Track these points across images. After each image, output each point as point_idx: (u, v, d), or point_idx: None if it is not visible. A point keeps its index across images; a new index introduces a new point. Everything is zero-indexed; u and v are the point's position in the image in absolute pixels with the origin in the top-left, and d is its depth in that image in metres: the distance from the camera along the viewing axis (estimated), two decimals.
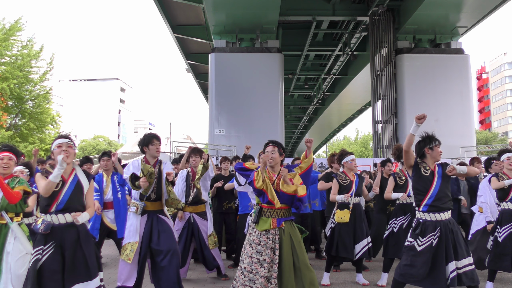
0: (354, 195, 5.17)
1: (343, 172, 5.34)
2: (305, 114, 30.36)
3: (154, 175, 4.17)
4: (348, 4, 15.11)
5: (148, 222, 4.15)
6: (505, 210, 4.67)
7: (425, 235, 3.74)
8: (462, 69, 15.14)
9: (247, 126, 14.25)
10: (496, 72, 73.00)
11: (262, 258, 3.52)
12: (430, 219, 3.78)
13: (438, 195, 3.78)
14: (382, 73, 15.25)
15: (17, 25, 17.90)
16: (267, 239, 3.58)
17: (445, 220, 3.78)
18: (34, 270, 3.07)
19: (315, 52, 18.89)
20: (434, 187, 3.80)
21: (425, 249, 3.71)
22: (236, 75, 14.55)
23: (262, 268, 3.49)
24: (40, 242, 3.16)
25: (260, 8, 13.38)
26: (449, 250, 3.69)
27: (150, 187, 4.14)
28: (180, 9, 16.17)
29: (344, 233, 5.01)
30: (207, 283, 5.20)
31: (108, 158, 5.74)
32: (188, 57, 20.82)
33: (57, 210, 3.22)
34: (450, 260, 3.67)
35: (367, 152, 50.30)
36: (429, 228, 3.75)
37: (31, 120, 18.63)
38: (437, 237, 3.72)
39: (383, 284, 5.05)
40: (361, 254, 5.03)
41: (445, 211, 3.79)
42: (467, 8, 13.75)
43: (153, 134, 4.34)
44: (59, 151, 3.31)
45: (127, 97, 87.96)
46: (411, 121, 15.06)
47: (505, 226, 4.60)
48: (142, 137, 4.34)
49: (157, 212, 4.22)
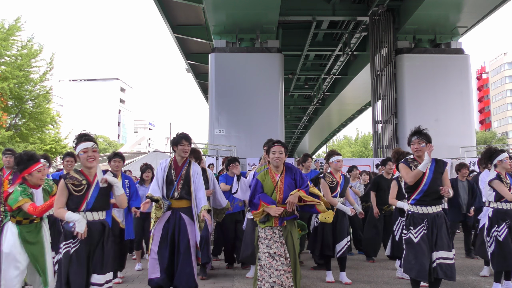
0: (339, 196, 5.24)
1: (330, 173, 5.38)
2: (305, 114, 30.37)
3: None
4: (348, 4, 15.10)
5: (171, 219, 4.24)
6: (499, 210, 4.71)
7: (416, 226, 3.92)
8: (462, 69, 15.12)
9: (247, 126, 14.24)
10: (496, 72, 73.00)
11: (272, 251, 3.61)
12: (418, 212, 3.97)
13: (427, 191, 3.95)
14: (382, 73, 15.24)
15: (17, 25, 17.91)
16: (272, 233, 3.68)
17: (432, 213, 3.93)
18: (66, 262, 3.24)
19: (315, 52, 18.88)
20: (424, 183, 3.96)
21: (421, 239, 3.87)
22: (236, 75, 14.54)
23: (274, 261, 3.58)
24: (69, 236, 3.31)
25: (260, 8, 13.37)
26: (433, 241, 3.85)
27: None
28: (180, 9, 16.16)
29: (327, 232, 5.14)
30: (207, 283, 5.20)
31: (120, 159, 5.53)
32: (188, 57, 20.81)
33: (85, 211, 3.37)
34: (433, 250, 3.84)
35: (367, 152, 50.31)
36: (418, 220, 3.94)
37: (31, 120, 18.61)
38: (426, 229, 3.89)
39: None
40: (342, 253, 5.11)
41: (433, 205, 3.95)
42: (467, 8, 13.74)
43: (184, 135, 4.40)
44: (85, 156, 3.38)
45: (127, 97, 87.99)
46: (411, 121, 15.10)
47: (502, 224, 4.63)
48: (175, 136, 4.44)
49: (181, 210, 4.27)
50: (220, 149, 13.51)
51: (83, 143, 3.40)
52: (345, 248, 5.11)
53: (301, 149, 48.71)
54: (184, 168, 4.35)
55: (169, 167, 4.36)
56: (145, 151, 47.32)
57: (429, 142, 3.99)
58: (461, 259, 6.79)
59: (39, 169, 3.90)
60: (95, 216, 3.38)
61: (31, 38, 18.67)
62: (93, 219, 3.36)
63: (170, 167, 4.36)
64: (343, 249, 5.10)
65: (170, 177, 4.33)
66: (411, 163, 4.10)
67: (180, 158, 4.37)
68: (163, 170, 4.34)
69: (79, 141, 3.44)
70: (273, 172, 3.84)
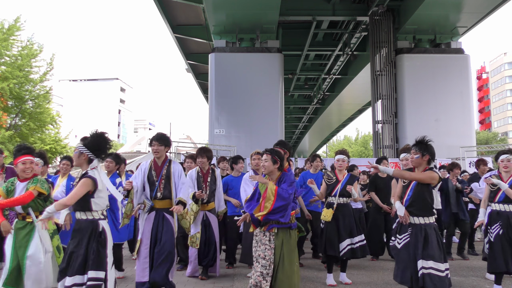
0: (339, 195, 5.17)
1: (332, 171, 5.37)
2: (305, 114, 30.36)
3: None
4: (348, 4, 15.11)
5: (155, 220, 4.35)
6: (493, 211, 4.73)
7: (401, 233, 3.97)
8: (462, 69, 15.13)
9: (247, 126, 14.24)
10: (496, 72, 72.97)
11: (257, 254, 3.74)
12: None
13: (411, 201, 3.93)
14: (382, 73, 15.24)
15: (16, 25, 17.90)
16: (263, 236, 3.77)
17: (419, 224, 3.88)
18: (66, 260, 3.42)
19: (315, 52, 18.88)
20: (408, 194, 3.97)
21: (403, 246, 3.91)
22: (236, 75, 14.54)
23: (257, 263, 3.71)
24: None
25: (260, 8, 13.37)
26: (418, 248, 3.80)
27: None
28: (180, 9, 16.16)
29: (330, 232, 5.10)
30: (207, 283, 5.20)
31: (111, 160, 5.59)
32: (188, 57, 20.81)
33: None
34: (419, 258, 3.79)
35: (367, 152, 50.31)
36: (404, 227, 3.96)
37: (31, 120, 18.61)
38: (410, 236, 3.89)
39: None
40: (343, 254, 5.06)
41: (421, 216, 3.89)
42: (467, 8, 13.74)
43: (155, 136, 4.54)
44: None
45: (127, 97, 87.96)
46: (411, 121, 15.13)
47: (494, 225, 4.66)
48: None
49: (164, 210, 4.39)
50: (220, 149, 13.50)
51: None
52: (347, 249, 5.05)
53: (301, 149, 48.73)
54: (164, 168, 4.45)
55: (149, 168, 4.47)
56: (145, 151, 47.24)
57: (425, 152, 3.91)
58: (461, 259, 6.80)
59: (24, 161, 3.96)
60: (83, 216, 3.51)
61: (31, 38, 18.70)
62: (80, 218, 3.53)
63: (150, 168, 4.47)
64: (345, 250, 5.05)
65: (151, 178, 4.43)
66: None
67: (157, 159, 4.49)
68: (143, 171, 4.45)
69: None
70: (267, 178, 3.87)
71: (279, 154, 3.88)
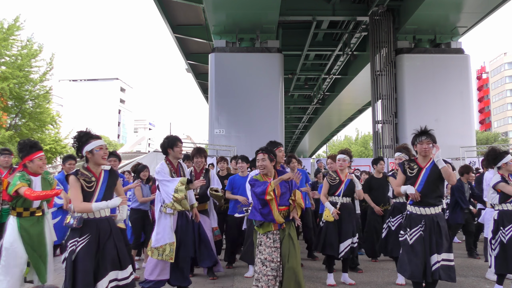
0: (342, 195, 5.17)
1: (335, 172, 5.34)
2: (305, 114, 30.36)
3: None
4: (348, 4, 15.10)
5: (179, 220, 4.40)
6: (505, 211, 4.65)
7: (412, 227, 3.97)
8: (462, 69, 15.12)
9: (247, 126, 14.23)
10: (496, 72, 72.99)
11: (263, 257, 3.70)
12: (416, 212, 4.02)
13: (422, 192, 3.97)
14: (382, 73, 15.24)
15: (16, 24, 17.89)
16: (266, 239, 3.74)
17: (430, 214, 3.95)
18: (70, 260, 3.28)
19: (315, 52, 18.87)
20: (418, 185, 4.00)
21: (415, 241, 3.90)
22: (236, 75, 14.53)
23: (264, 266, 3.68)
24: (75, 234, 3.35)
25: (260, 8, 13.36)
26: (432, 242, 3.86)
27: None
28: (180, 9, 16.16)
29: (330, 231, 5.08)
30: (207, 283, 5.20)
31: (115, 158, 5.55)
32: (188, 57, 20.81)
33: None
34: (433, 252, 3.84)
35: (367, 152, 50.33)
36: (415, 221, 3.97)
37: (31, 120, 18.62)
38: (423, 230, 3.91)
39: (402, 282, 5.07)
40: (344, 253, 5.05)
41: (431, 206, 3.97)
42: (467, 8, 13.73)
43: (178, 137, 4.54)
44: (101, 153, 3.49)
45: (127, 97, 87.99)
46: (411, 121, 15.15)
47: (508, 226, 4.57)
48: (166, 139, 4.50)
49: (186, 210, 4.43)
50: (220, 149, 13.50)
51: (95, 141, 3.49)
52: (348, 248, 5.05)
53: (301, 149, 48.72)
54: (180, 170, 4.46)
55: (169, 171, 4.38)
56: (145, 151, 47.31)
57: (434, 142, 4.03)
58: (461, 259, 6.78)
59: (40, 157, 4.00)
60: (102, 213, 3.46)
61: (31, 38, 18.69)
62: (100, 216, 3.43)
63: (170, 171, 4.39)
64: (346, 249, 5.05)
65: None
66: (406, 165, 4.15)
67: (175, 160, 4.46)
68: (168, 174, 4.37)
69: (88, 138, 3.50)
70: (265, 177, 3.87)
71: (273, 152, 3.98)
